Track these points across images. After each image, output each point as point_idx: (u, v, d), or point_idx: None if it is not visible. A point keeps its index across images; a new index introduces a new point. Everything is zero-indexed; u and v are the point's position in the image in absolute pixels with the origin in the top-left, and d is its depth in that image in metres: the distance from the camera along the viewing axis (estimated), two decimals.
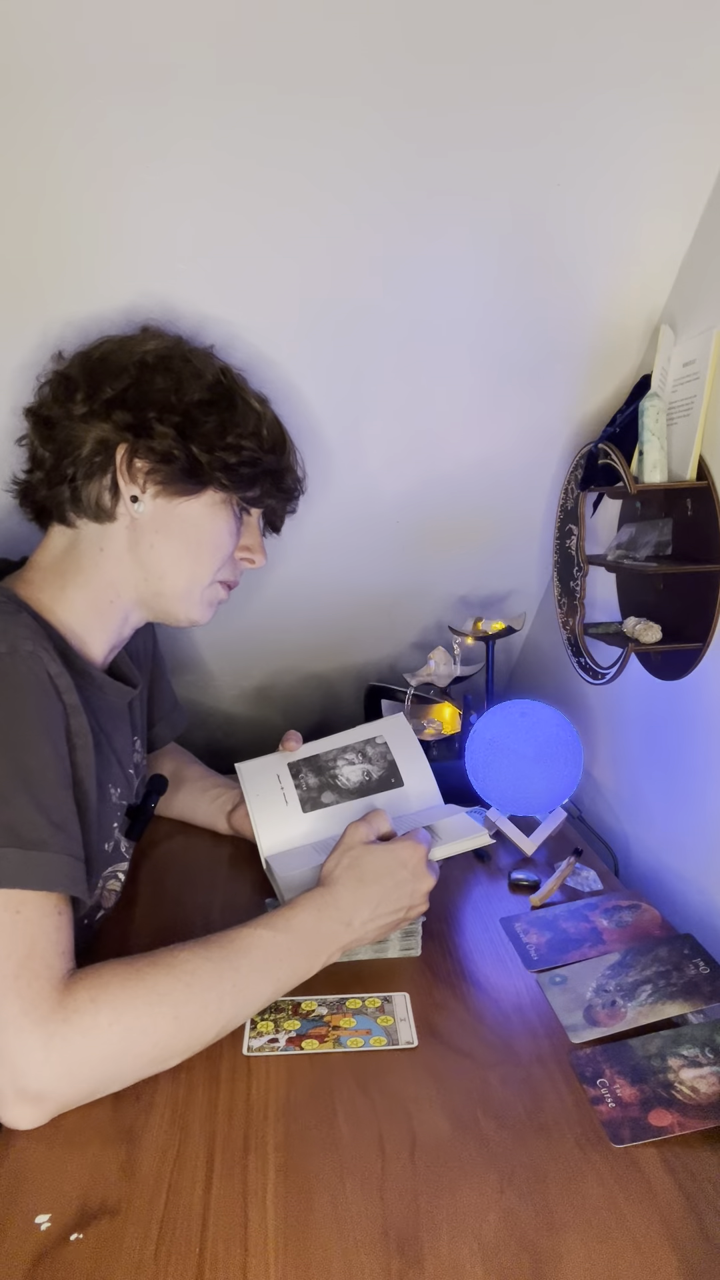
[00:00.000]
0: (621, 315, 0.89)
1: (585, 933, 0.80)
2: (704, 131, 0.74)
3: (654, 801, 0.98)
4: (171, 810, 1.07)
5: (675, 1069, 0.62)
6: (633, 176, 0.77)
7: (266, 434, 0.79)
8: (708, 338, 0.79)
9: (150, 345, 0.76)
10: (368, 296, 0.85)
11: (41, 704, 0.63)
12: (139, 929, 0.84)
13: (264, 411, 0.80)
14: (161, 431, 0.73)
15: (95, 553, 0.76)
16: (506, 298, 0.87)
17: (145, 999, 0.59)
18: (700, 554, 0.83)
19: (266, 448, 0.79)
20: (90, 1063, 0.57)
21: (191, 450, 0.74)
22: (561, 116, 0.73)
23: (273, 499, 0.84)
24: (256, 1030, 0.67)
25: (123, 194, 0.73)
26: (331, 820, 0.89)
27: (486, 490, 1.08)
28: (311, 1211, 0.51)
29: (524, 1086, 0.62)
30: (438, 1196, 0.53)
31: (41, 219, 0.74)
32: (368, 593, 1.22)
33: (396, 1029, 0.68)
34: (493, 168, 0.76)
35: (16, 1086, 0.55)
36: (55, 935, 0.58)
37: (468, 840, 0.80)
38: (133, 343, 0.76)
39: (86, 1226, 0.50)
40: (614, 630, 0.95)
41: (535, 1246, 0.49)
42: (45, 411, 0.76)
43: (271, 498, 0.83)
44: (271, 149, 0.72)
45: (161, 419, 0.73)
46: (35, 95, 0.66)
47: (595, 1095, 0.60)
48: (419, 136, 0.73)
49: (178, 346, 0.77)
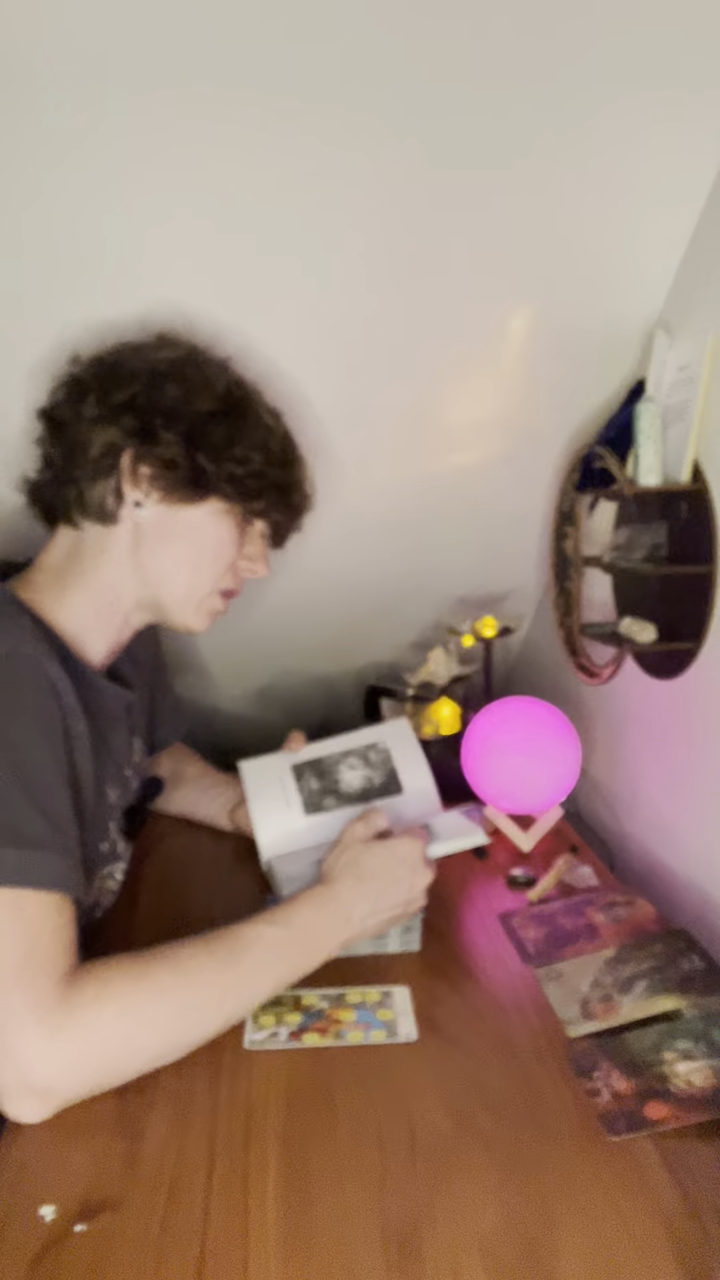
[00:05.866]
0: (617, 320, 0.90)
1: (581, 928, 0.81)
2: (699, 138, 0.75)
3: (649, 799, 0.99)
4: (172, 807, 1.08)
5: (670, 1062, 0.63)
6: (628, 182, 0.78)
7: (275, 448, 0.79)
8: (702, 342, 0.79)
9: (164, 353, 0.76)
10: (373, 306, 0.85)
11: (40, 706, 0.64)
12: (142, 925, 0.84)
13: (275, 425, 0.81)
14: (167, 439, 0.73)
15: (97, 555, 0.77)
16: (504, 304, 0.88)
17: (149, 994, 0.59)
18: (694, 555, 0.84)
19: (274, 461, 0.79)
20: (94, 1056, 0.58)
21: (196, 459, 0.74)
22: (556, 121, 0.73)
23: (278, 513, 0.83)
24: (258, 1024, 0.68)
25: (144, 199, 0.74)
26: (332, 824, 0.89)
27: (485, 492, 1.09)
28: (312, 1204, 0.52)
29: (522, 1080, 0.63)
30: (437, 1190, 0.53)
31: (62, 223, 0.75)
32: (368, 593, 1.22)
33: (396, 1023, 0.68)
34: (489, 174, 0.77)
35: (22, 1080, 0.56)
36: (58, 932, 0.59)
37: (464, 839, 0.81)
38: (147, 349, 0.77)
39: (90, 1219, 0.51)
40: (610, 630, 0.96)
41: (533, 1239, 0.50)
42: (57, 413, 0.77)
43: (277, 511, 0.83)
44: (289, 158, 0.73)
45: (168, 426, 0.73)
46: (52, 99, 0.67)
47: (592, 1088, 0.61)
48: (421, 141, 0.74)
49: (192, 356, 0.78)
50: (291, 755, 0.96)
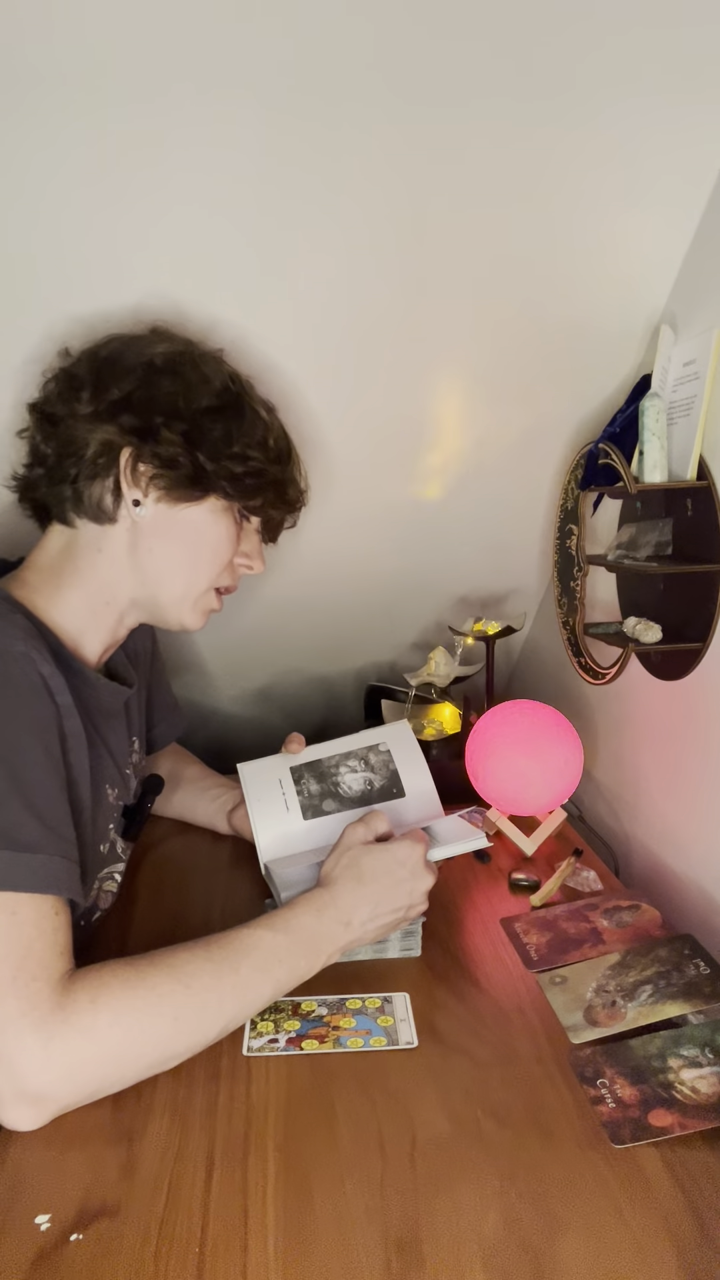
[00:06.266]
0: (621, 315, 0.89)
1: (585, 933, 0.80)
2: (704, 131, 0.74)
3: (654, 801, 0.98)
4: (170, 809, 1.07)
5: (675, 1069, 0.62)
6: (632, 176, 0.77)
7: (273, 444, 0.79)
8: (708, 337, 0.78)
9: (159, 347, 0.75)
10: (373, 299, 0.85)
11: (34, 706, 0.63)
12: (138, 929, 0.84)
13: (271, 420, 0.80)
14: (168, 438, 0.72)
15: (93, 553, 0.76)
16: (507, 298, 0.87)
17: (145, 1000, 0.59)
18: (700, 554, 0.83)
19: (272, 458, 0.78)
20: (90, 1064, 0.57)
21: (197, 458, 0.73)
22: (561, 115, 0.73)
23: (274, 509, 0.83)
24: (256, 1030, 0.67)
25: (134, 192, 0.73)
26: (332, 828, 0.88)
27: (486, 490, 1.08)
28: (311, 1212, 0.51)
29: (524, 1087, 0.62)
30: (438, 1197, 0.52)
31: (50, 214, 0.74)
32: (368, 593, 1.22)
33: (396, 1029, 0.67)
34: (493, 169, 0.76)
35: (16, 1088, 0.55)
36: (53, 936, 0.58)
37: (466, 842, 0.80)
38: (141, 343, 0.76)
39: (86, 1227, 0.50)
40: (614, 630, 0.95)
41: (535, 1247, 0.49)
42: (49, 408, 0.75)
43: (274, 508, 0.82)
44: (284, 153, 0.72)
45: (169, 425, 0.72)
46: (44, 94, 0.66)
47: (595, 1095, 0.60)
48: (423, 142, 0.73)
49: (187, 350, 0.77)
50: (291, 757, 0.95)
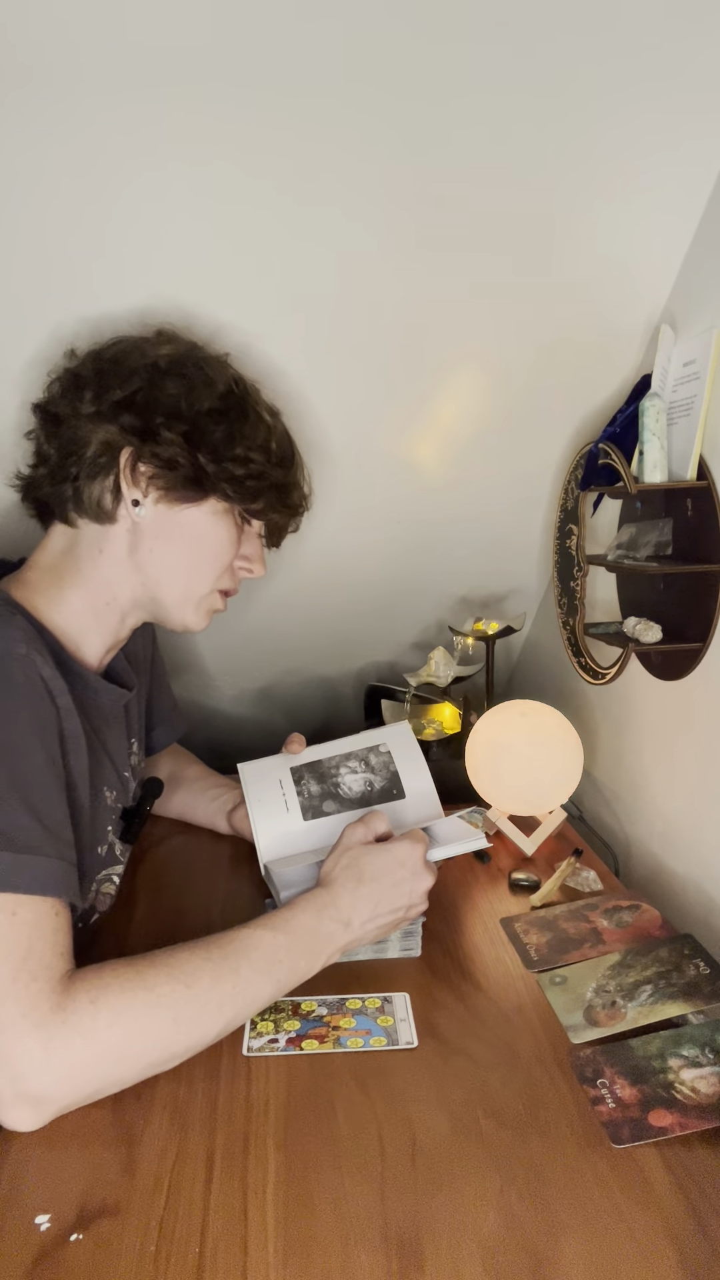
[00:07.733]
0: (622, 315, 0.89)
1: (585, 933, 0.80)
2: (704, 131, 0.74)
3: (654, 801, 0.98)
4: (170, 809, 1.07)
5: (675, 1069, 0.62)
6: (633, 176, 0.77)
7: (275, 447, 0.79)
8: (708, 337, 0.78)
9: (164, 350, 0.75)
10: (374, 301, 0.85)
11: (34, 707, 0.63)
12: (138, 929, 0.84)
13: (274, 424, 0.80)
14: (168, 438, 0.72)
15: (94, 554, 0.76)
16: (508, 299, 0.87)
17: (145, 1001, 0.58)
18: (700, 554, 0.83)
19: (274, 461, 0.78)
20: (90, 1065, 0.57)
21: (198, 459, 0.73)
22: (561, 116, 0.73)
23: (276, 513, 0.82)
24: (256, 1030, 0.67)
25: (143, 196, 0.73)
26: (332, 829, 0.88)
27: (487, 490, 1.08)
28: (312, 1212, 0.51)
29: (524, 1087, 0.62)
30: (438, 1197, 0.52)
31: (58, 215, 0.74)
32: (368, 593, 1.21)
33: (396, 1029, 0.67)
34: (494, 170, 0.76)
35: (16, 1089, 0.55)
36: (53, 937, 0.58)
37: (466, 843, 0.80)
38: (146, 345, 0.76)
39: (86, 1227, 0.50)
40: (614, 630, 0.95)
41: (535, 1247, 0.49)
42: (53, 408, 0.75)
43: (275, 512, 0.82)
44: (291, 157, 0.72)
45: (169, 425, 0.72)
46: (51, 92, 0.66)
47: (595, 1095, 0.60)
48: (424, 145, 0.73)
49: (192, 352, 0.77)
50: (291, 758, 0.95)
